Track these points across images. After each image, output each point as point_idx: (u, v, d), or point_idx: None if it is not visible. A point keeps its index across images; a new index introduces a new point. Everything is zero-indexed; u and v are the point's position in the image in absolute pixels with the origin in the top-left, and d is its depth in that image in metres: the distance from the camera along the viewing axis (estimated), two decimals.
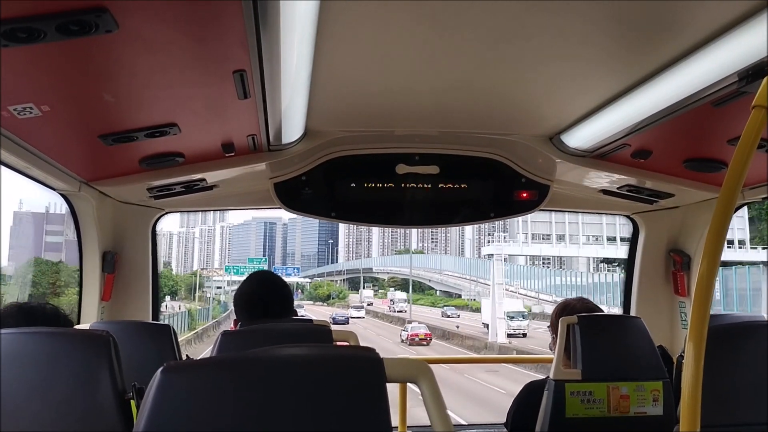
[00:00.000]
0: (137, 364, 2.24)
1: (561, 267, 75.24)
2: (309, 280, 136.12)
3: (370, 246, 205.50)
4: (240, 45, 1.87)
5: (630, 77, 2.39)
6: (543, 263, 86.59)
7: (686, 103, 2.35)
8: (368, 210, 3.76)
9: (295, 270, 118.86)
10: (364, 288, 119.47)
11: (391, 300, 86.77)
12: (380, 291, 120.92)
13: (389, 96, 2.80)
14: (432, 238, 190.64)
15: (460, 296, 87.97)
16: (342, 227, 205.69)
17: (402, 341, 43.23)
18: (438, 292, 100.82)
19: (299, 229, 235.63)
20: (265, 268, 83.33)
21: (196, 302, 76.33)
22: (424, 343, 41.58)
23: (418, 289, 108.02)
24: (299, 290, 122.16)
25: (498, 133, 3.34)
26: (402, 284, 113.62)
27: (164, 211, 3.95)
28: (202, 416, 1.10)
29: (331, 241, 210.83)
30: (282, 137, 3.03)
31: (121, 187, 3.36)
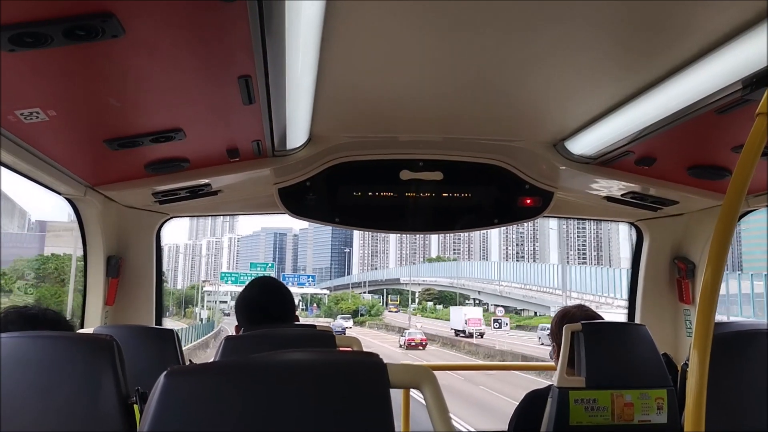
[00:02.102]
0: (141, 368, 2.24)
1: None
2: (327, 292, 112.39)
3: (386, 257, 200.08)
4: (245, 51, 1.87)
5: (634, 84, 2.40)
6: None
7: (690, 110, 2.35)
8: (372, 216, 3.76)
9: (310, 279, 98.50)
10: (440, 304, 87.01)
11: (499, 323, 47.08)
12: (418, 307, 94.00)
13: (393, 102, 2.80)
14: (455, 248, 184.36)
15: (518, 313, 71.10)
16: (356, 239, 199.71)
17: (400, 346, 46.09)
18: (491, 307, 70.29)
19: (311, 240, 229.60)
20: (272, 274, 72.02)
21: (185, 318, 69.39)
22: (420, 347, 45.06)
23: (456, 304, 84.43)
24: (314, 305, 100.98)
25: (502, 139, 3.34)
26: (440, 297, 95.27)
27: (169, 215, 3.95)
28: (205, 421, 1.10)
29: (347, 250, 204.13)
30: (286, 143, 3.04)
31: (126, 191, 3.37)
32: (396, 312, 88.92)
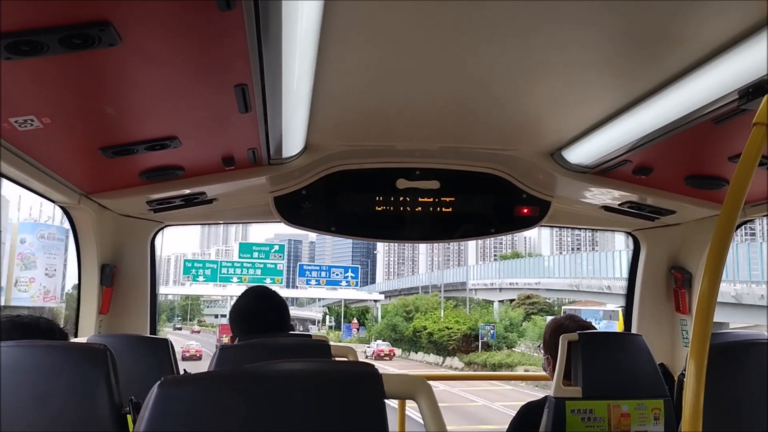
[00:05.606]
0: (135, 378, 2.23)
1: None
2: (381, 298, 68.81)
3: (415, 265, 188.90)
4: (242, 59, 1.87)
5: (631, 94, 2.40)
6: None
7: (687, 120, 2.35)
8: (368, 224, 3.76)
9: (350, 274, 56.39)
10: None
11: None
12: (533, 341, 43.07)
13: (390, 110, 2.80)
14: (495, 254, 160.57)
15: None
16: (381, 245, 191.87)
17: (366, 357, 47.55)
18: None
19: (329, 248, 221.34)
20: (281, 263, 51.74)
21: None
22: (387, 358, 47.91)
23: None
24: (354, 320, 61.11)
25: (499, 148, 3.34)
26: (547, 311, 52.74)
27: (163, 224, 3.94)
28: (199, 431, 1.09)
29: (375, 252, 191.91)
30: (282, 151, 3.03)
31: (121, 199, 3.36)
32: None
